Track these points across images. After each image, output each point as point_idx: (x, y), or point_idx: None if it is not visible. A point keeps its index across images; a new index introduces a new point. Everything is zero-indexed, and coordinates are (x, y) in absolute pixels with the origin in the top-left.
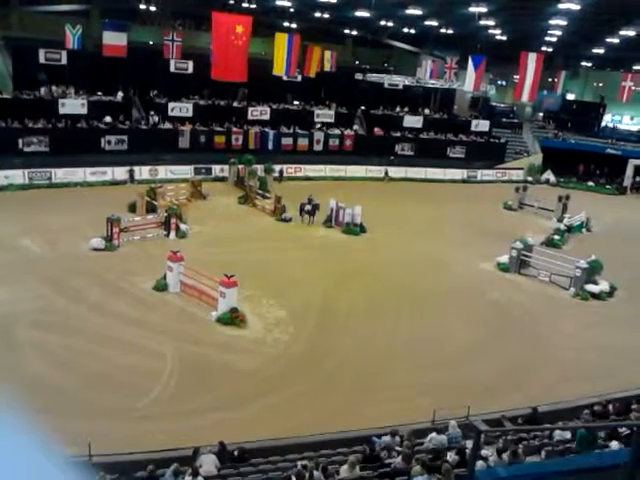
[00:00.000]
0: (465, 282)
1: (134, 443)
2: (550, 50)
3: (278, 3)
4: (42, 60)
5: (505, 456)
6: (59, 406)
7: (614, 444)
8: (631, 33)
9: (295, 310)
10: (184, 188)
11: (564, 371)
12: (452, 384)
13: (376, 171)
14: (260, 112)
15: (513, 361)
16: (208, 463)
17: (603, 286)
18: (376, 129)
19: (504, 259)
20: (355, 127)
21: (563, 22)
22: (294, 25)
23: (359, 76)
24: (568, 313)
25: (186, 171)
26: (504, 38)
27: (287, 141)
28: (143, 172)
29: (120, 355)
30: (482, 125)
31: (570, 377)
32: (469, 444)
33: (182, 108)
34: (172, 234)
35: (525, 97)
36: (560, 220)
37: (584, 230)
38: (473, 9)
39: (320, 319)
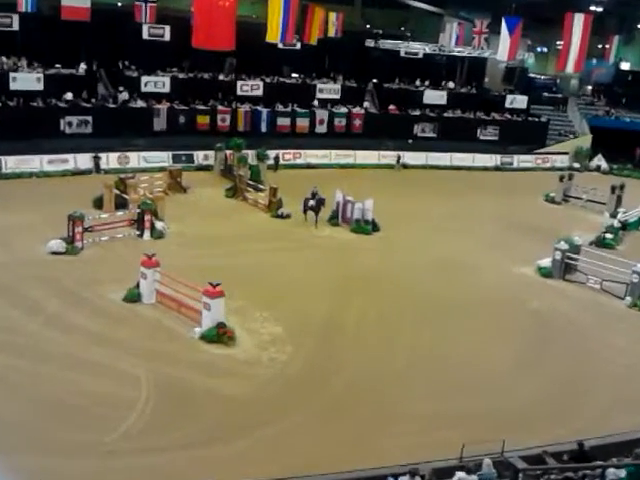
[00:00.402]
0: (498, 290)
1: None
2: (600, 10)
3: None
4: None
5: None
6: (6, 440)
7: None
8: None
9: (294, 324)
10: (160, 179)
11: (618, 396)
12: (484, 413)
13: (391, 157)
14: (251, 87)
15: (557, 384)
16: None
17: None
18: (391, 107)
19: (546, 262)
20: (366, 104)
21: None
22: None
23: (370, 43)
24: (622, 327)
25: (163, 158)
26: None
27: (284, 122)
28: (111, 160)
29: (84, 379)
30: (519, 101)
31: (625, 403)
32: None
33: (157, 83)
34: (146, 234)
35: (570, 67)
36: (613, 215)
37: None
38: None
39: (324, 335)
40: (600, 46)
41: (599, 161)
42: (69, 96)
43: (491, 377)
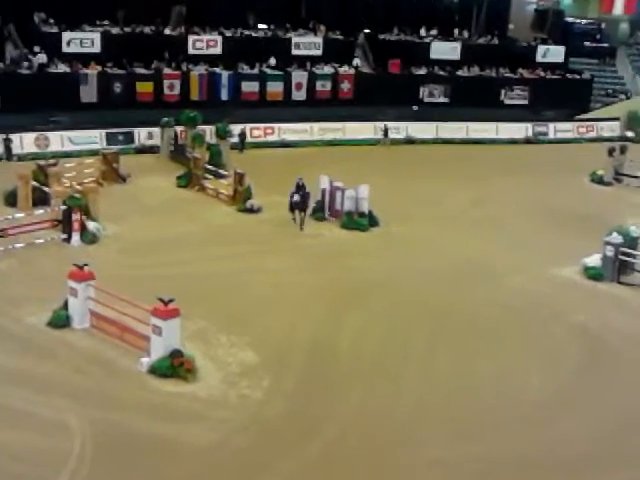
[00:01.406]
0: (532, 299)
1: None
2: None
3: None
4: None
5: None
6: None
7: None
8: None
9: (271, 351)
10: (92, 165)
11: None
12: (514, 458)
13: (390, 130)
14: (207, 43)
15: (609, 424)
16: None
17: None
18: (390, 64)
19: (594, 261)
20: (356, 62)
21: None
22: None
23: None
24: None
25: (94, 139)
26: None
27: (250, 87)
28: (26, 142)
29: None
30: (554, 53)
31: None
32: None
33: (84, 41)
34: (75, 238)
35: (619, 8)
36: None
37: None
38: None
39: (310, 363)
40: None
41: None
42: None
43: (523, 413)
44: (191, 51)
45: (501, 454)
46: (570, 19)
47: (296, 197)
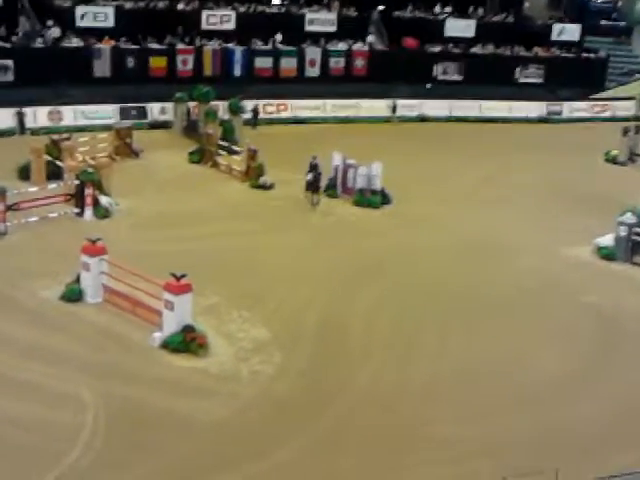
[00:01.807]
0: (545, 279)
1: None
2: None
3: None
4: None
5: None
6: None
7: None
8: None
9: (283, 327)
10: (105, 140)
11: None
12: (528, 437)
13: (404, 107)
14: (220, 18)
15: (622, 402)
16: None
17: None
18: (404, 41)
19: (607, 241)
20: (370, 39)
21: None
22: None
23: None
24: None
25: (107, 113)
26: None
27: (264, 63)
28: (39, 116)
29: (11, 404)
30: (569, 32)
31: None
32: None
33: (98, 14)
34: (88, 212)
35: None
36: None
37: None
38: None
39: (321, 340)
40: None
41: None
42: None
43: (537, 392)
44: (205, 26)
45: (513, 433)
46: None
47: (309, 177)
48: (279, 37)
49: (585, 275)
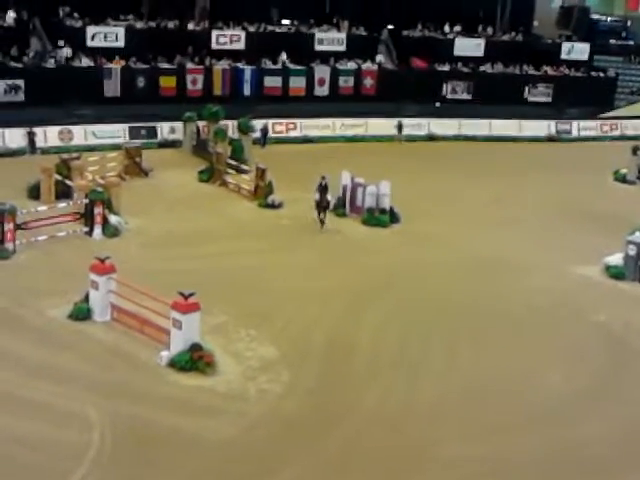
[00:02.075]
0: (554, 298)
1: None
2: None
3: None
4: None
5: None
6: None
7: None
8: None
9: (291, 346)
10: (114, 159)
11: None
12: (537, 457)
13: (412, 126)
14: (230, 38)
15: (634, 420)
16: None
17: None
18: (413, 60)
19: (616, 260)
20: (379, 58)
21: None
22: None
23: None
24: None
25: (117, 133)
26: None
27: (273, 82)
28: (50, 136)
29: (18, 422)
30: (578, 51)
31: None
32: None
33: (109, 35)
34: (97, 231)
35: None
36: None
37: None
38: None
39: (329, 359)
40: None
41: None
42: None
43: (545, 411)
44: (214, 46)
45: (521, 453)
46: (596, 16)
47: (316, 196)
48: (284, 56)
49: (594, 294)
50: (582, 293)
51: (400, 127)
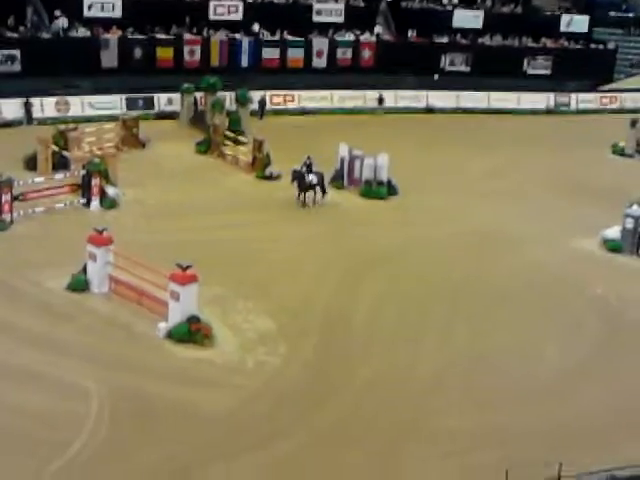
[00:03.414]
0: (551, 270)
1: None
2: None
3: None
4: None
5: None
6: None
7: None
8: None
9: (288, 319)
10: (111, 131)
11: None
12: (533, 429)
13: (410, 98)
14: (228, 8)
15: (630, 393)
16: None
17: None
18: (411, 32)
19: (614, 233)
20: (378, 30)
21: None
22: None
23: None
24: None
25: (114, 104)
26: None
27: (271, 54)
28: (46, 107)
29: (16, 393)
30: (577, 23)
31: None
32: None
33: (105, 5)
34: (95, 203)
35: None
36: None
37: None
38: None
39: (326, 332)
40: None
41: None
42: None
43: (541, 384)
44: (212, 17)
45: (518, 425)
46: None
47: (312, 177)
48: (256, 27)
49: (591, 267)
50: (579, 266)
51: (381, 100)
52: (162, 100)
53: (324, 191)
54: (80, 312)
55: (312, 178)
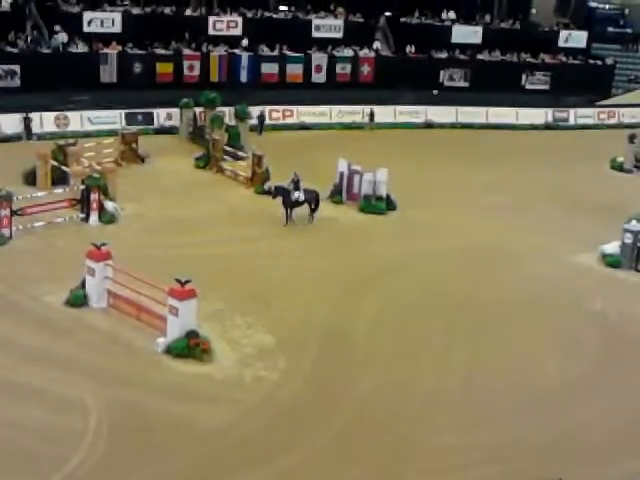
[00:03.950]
0: (550, 286)
1: None
2: None
3: None
4: None
5: None
6: None
7: None
8: None
9: (287, 334)
10: (111, 145)
11: None
12: (532, 444)
13: (409, 113)
14: (227, 24)
15: (629, 408)
16: None
17: None
18: (410, 48)
19: (612, 248)
20: (377, 45)
21: None
22: None
23: None
24: None
25: (113, 119)
26: None
27: (270, 69)
28: (46, 122)
29: (14, 408)
30: (576, 38)
31: None
32: None
33: (105, 20)
34: (94, 217)
35: None
36: None
37: None
38: None
39: (325, 347)
40: None
41: None
42: None
43: (541, 399)
44: (211, 32)
45: (517, 440)
46: (593, 4)
47: (299, 195)
48: (245, 42)
49: (589, 282)
50: (578, 281)
51: (372, 115)
52: (161, 115)
53: (312, 209)
54: (79, 327)
55: (298, 195)
